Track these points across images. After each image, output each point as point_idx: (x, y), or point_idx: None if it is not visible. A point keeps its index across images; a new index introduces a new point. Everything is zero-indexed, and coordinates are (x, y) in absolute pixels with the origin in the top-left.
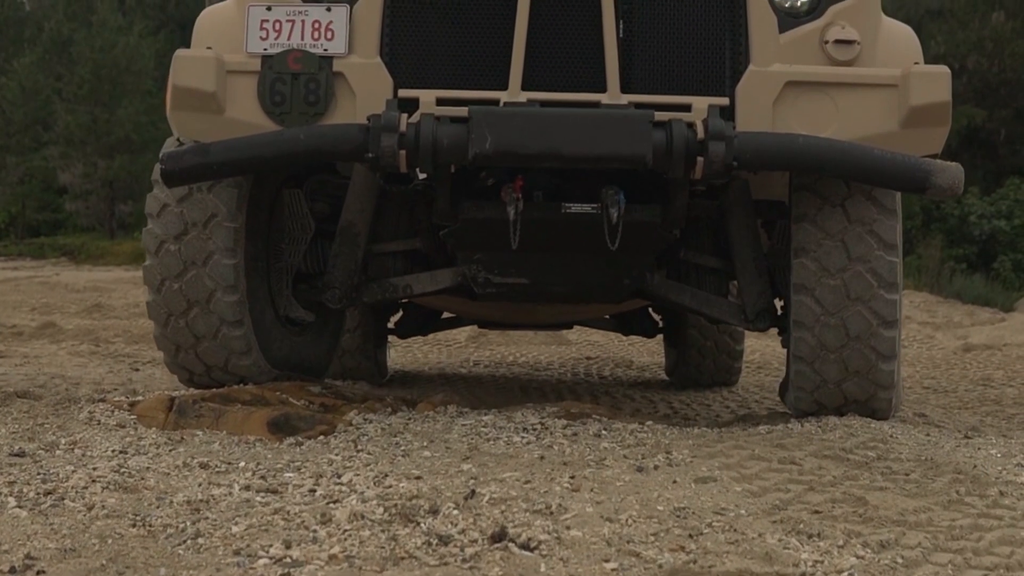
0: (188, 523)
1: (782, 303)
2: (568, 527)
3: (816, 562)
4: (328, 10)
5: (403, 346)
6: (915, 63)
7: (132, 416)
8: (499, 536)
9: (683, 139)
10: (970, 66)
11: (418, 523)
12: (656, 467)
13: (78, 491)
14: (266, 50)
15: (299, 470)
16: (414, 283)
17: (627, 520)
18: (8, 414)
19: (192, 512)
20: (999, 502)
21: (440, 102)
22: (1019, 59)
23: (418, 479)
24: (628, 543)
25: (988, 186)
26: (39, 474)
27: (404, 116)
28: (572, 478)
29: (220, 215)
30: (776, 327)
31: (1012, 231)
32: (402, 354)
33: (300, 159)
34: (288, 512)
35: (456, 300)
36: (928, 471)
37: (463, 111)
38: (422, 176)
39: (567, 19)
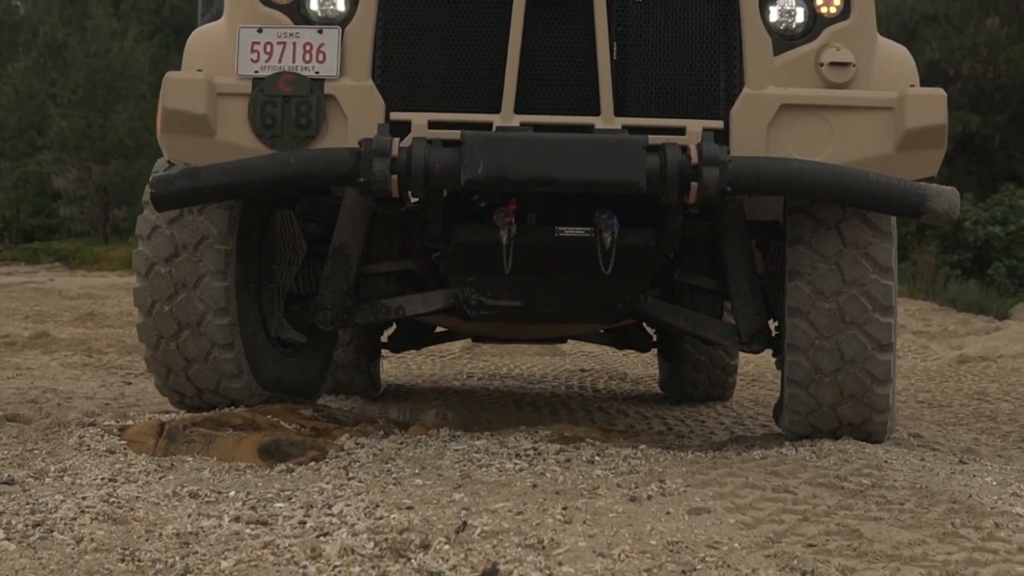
0: (177, 558)
1: (776, 324)
2: (560, 563)
3: None
4: (320, 32)
5: (397, 358)
6: (911, 85)
7: (122, 441)
8: (491, 573)
9: (677, 164)
10: (965, 72)
11: (409, 558)
12: (649, 496)
13: (67, 522)
14: (257, 72)
15: (289, 499)
16: (406, 304)
17: (620, 555)
18: None
19: (181, 546)
20: (994, 535)
21: (432, 125)
22: (1014, 65)
23: (409, 509)
24: None
25: (983, 192)
26: (28, 504)
27: (396, 140)
28: (565, 509)
29: (211, 237)
30: (771, 348)
31: (1007, 237)
32: (396, 366)
33: (291, 183)
34: (278, 546)
35: (450, 318)
36: (923, 500)
37: (456, 135)
38: (414, 199)
39: (560, 41)
